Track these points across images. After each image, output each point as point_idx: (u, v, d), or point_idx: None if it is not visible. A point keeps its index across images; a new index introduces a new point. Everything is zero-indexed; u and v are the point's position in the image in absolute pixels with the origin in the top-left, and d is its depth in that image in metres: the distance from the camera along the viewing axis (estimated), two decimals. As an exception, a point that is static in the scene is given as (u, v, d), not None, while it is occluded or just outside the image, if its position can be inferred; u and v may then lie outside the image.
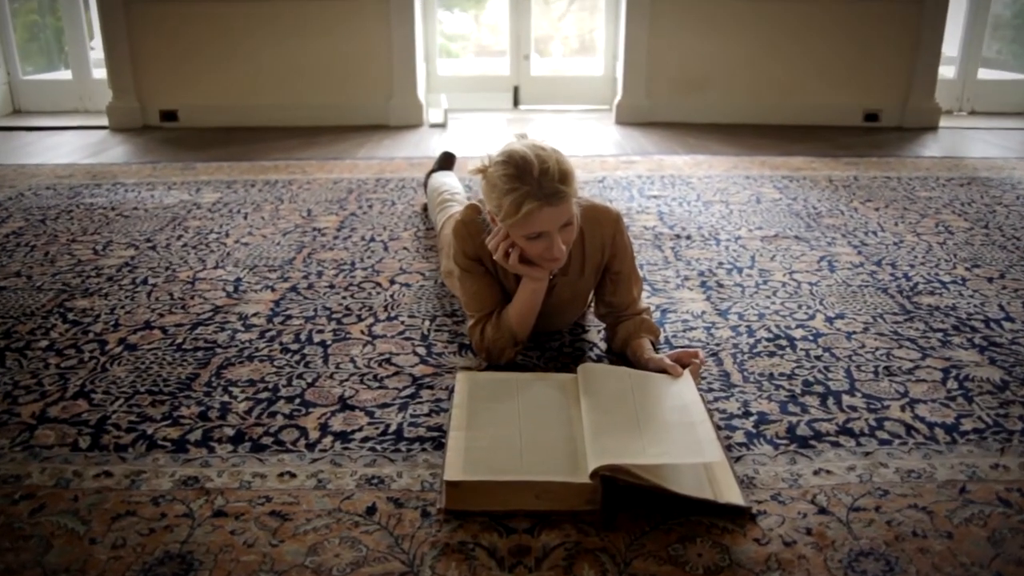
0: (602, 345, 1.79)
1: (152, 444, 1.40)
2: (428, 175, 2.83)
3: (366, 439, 1.41)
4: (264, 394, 1.57)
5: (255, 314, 1.96)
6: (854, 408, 1.51)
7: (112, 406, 1.52)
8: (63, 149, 4.05)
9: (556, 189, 1.45)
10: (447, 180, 2.63)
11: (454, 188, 2.54)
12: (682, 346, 1.78)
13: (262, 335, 1.84)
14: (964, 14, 5.01)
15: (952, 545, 1.13)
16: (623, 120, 4.75)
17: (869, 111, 4.66)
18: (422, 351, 1.76)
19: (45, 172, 3.51)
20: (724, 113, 4.69)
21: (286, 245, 2.49)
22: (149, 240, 2.55)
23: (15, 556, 1.12)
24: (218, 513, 1.21)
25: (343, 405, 1.53)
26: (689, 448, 1.27)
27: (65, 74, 5.26)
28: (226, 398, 1.55)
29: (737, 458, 1.35)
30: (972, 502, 1.23)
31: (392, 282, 2.17)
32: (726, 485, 1.24)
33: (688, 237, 2.56)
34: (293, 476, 1.31)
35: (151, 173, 3.49)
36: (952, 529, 1.17)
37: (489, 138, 4.34)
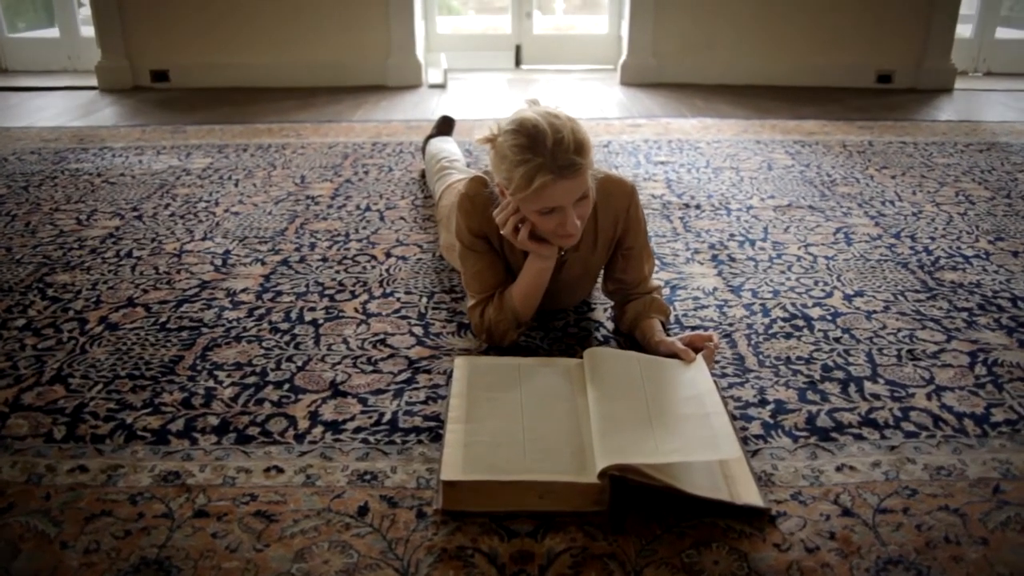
0: (609, 325, 1.70)
1: (131, 435, 1.31)
2: (426, 140, 2.71)
3: (358, 429, 1.33)
4: (251, 379, 1.48)
5: (244, 290, 1.86)
6: (877, 396, 1.42)
7: (90, 392, 1.44)
8: (50, 111, 3.92)
9: (571, 161, 1.34)
10: (446, 146, 2.51)
11: (453, 154, 2.42)
12: (693, 327, 1.68)
13: (250, 313, 1.75)
14: (983, -31, 4.83)
15: (988, 553, 1.05)
16: (628, 80, 4.59)
17: (882, 72, 4.50)
18: (419, 331, 1.67)
19: (31, 135, 3.38)
20: (732, 74, 4.54)
21: (278, 214, 2.39)
22: (135, 209, 2.44)
23: (-21, 563, 1.04)
24: (199, 513, 1.13)
25: (335, 391, 1.44)
26: (704, 443, 1.18)
27: (53, 31, 5.07)
28: (211, 383, 1.47)
29: (754, 452, 1.27)
30: (1007, 503, 1.15)
31: (388, 255, 2.07)
32: (743, 483, 1.15)
33: (698, 206, 2.45)
34: (280, 471, 1.22)
35: (140, 136, 3.36)
36: (987, 535, 1.08)
37: (490, 100, 4.21)
